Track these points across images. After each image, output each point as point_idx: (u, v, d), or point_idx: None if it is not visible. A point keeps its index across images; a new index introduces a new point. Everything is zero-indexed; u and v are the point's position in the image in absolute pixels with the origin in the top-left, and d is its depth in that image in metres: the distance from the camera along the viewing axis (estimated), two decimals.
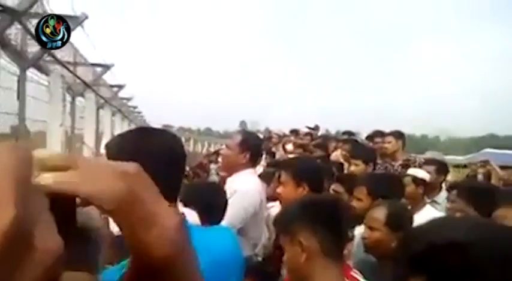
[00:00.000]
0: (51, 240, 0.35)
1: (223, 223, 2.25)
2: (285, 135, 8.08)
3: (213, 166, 8.41)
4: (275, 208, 2.91)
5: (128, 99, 12.68)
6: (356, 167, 3.68)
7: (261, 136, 6.02)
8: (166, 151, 1.16)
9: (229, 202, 2.37)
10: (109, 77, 9.15)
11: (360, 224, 2.34)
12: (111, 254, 1.03)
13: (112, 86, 10.19)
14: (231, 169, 2.88)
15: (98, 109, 8.99)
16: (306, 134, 7.44)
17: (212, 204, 2.17)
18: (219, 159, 6.33)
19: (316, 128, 8.04)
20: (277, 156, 6.62)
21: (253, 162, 2.89)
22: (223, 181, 3.17)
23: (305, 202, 1.58)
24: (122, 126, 11.61)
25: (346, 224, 1.65)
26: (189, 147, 18.89)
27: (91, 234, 0.80)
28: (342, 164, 4.41)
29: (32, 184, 0.35)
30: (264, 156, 3.78)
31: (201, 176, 6.54)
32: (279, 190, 2.54)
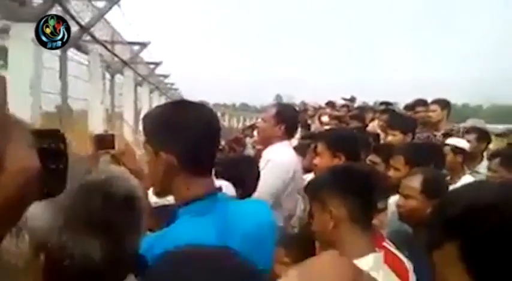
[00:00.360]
0: (24, 159, 0.37)
1: (256, 192, 2.25)
2: (320, 108, 7.93)
3: (248, 140, 8.42)
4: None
5: (165, 76, 12.82)
6: (393, 137, 3.58)
7: (297, 109, 5.98)
8: (202, 123, 1.16)
9: (262, 172, 2.37)
10: (146, 55, 9.25)
11: (396, 193, 2.30)
12: (151, 222, 1.09)
13: (149, 64, 10.26)
14: (267, 141, 2.86)
15: (136, 86, 9.11)
16: (343, 105, 7.30)
17: (244, 176, 2.18)
18: (255, 133, 6.31)
19: (353, 99, 7.85)
20: (313, 128, 6.55)
21: (288, 134, 2.87)
22: (259, 154, 3.16)
23: (337, 170, 1.58)
24: (159, 103, 11.35)
25: (378, 194, 1.62)
26: (225, 122, 18.98)
27: (135, 203, 0.87)
28: (378, 134, 4.31)
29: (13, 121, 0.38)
30: (299, 129, 3.73)
31: (237, 150, 6.57)
32: (315, 161, 2.52)
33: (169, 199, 1.29)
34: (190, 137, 1.14)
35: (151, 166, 1.20)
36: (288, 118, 2.84)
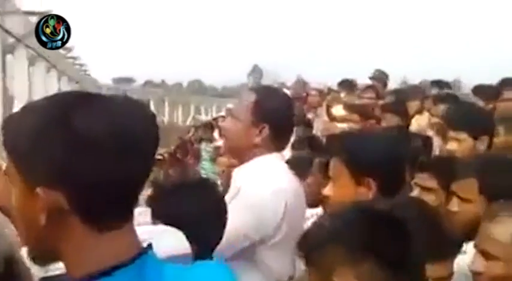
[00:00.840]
0: None
1: (219, 245, 2.25)
2: (330, 91, 7.44)
3: (204, 147, 8.08)
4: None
5: (67, 49, 13.69)
6: (458, 145, 3.44)
7: (288, 93, 5.55)
8: (116, 133, 1.14)
9: (230, 207, 2.34)
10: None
11: (468, 240, 2.30)
12: None
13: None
14: (238, 152, 2.79)
15: (29, 67, 10.14)
16: (367, 87, 6.85)
17: (199, 218, 2.15)
18: (216, 135, 5.87)
19: (383, 77, 7.29)
20: (317, 126, 6.32)
21: (277, 141, 2.74)
22: (226, 174, 3.13)
23: (356, 217, 1.49)
24: (59, 88, 13.03)
25: (432, 259, 1.66)
26: (163, 115, 18.94)
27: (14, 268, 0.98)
28: (430, 139, 4.21)
29: None
30: (294, 129, 3.51)
31: (185, 165, 6.23)
32: (327, 189, 2.41)
33: (59, 267, 1.28)
34: (96, 159, 1.13)
35: (23, 210, 1.19)
36: (276, 113, 2.75)
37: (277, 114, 2.75)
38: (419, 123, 5.19)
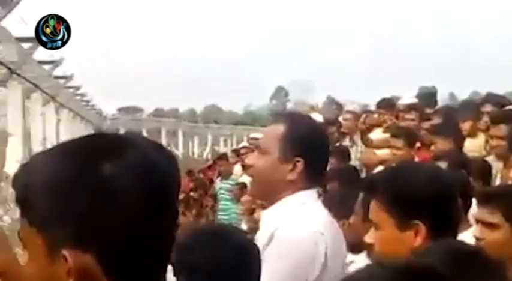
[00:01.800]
0: None
1: None
2: (367, 113, 7.17)
3: (224, 183, 7.98)
4: (359, 266, 2.68)
5: (65, 77, 13.90)
6: None
7: (320, 117, 5.43)
8: (148, 186, 1.17)
9: (263, 259, 2.26)
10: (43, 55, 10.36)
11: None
12: None
13: (43, 63, 11.31)
14: (269, 191, 2.73)
15: (24, 99, 10.13)
16: (409, 107, 6.68)
17: (219, 277, 2.13)
18: (237, 168, 5.79)
19: (429, 94, 7.16)
20: (354, 155, 6.30)
21: (312, 175, 2.68)
22: (252, 218, 2.91)
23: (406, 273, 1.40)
24: (60, 121, 13.70)
25: None
26: (176, 148, 19.07)
27: None
28: (488, 165, 4.17)
29: None
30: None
31: (202, 205, 6.17)
32: (369, 236, 2.37)
33: None
34: (128, 213, 1.15)
35: (43, 279, 1.19)
36: (309, 143, 2.71)
37: (311, 145, 2.70)
38: (473, 146, 5.14)
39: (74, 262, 1.14)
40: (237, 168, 9.07)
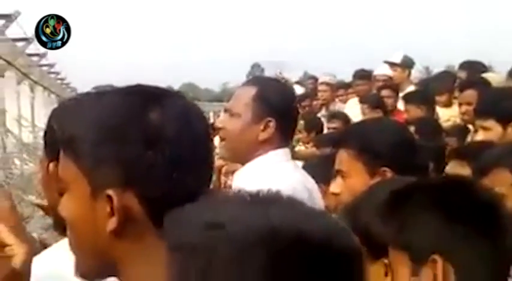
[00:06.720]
0: None
1: None
2: (338, 87, 7.35)
3: None
4: None
5: (39, 55, 13.81)
6: (485, 133, 3.45)
7: (294, 87, 5.47)
8: (190, 130, 1.22)
9: None
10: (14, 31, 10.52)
11: None
12: None
13: (16, 40, 11.33)
14: (241, 153, 2.77)
15: None
16: (385, 84, 6.59)
17: None
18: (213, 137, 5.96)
19: (407, 62, 6.85)
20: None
21: (283, 135, 2.73)
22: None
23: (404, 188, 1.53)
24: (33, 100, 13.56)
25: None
26: None
27: None
28: (467, 128, 4.30)
29: None
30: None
31: None
32: (335, 186, 2.41)
33: None
34: (173, 159, 1.18)
35: (84, 217, 1.20)
36: (281, 104, 2.75)
37: (281, 106, 2.73)
38: (447, 113, 5.20)
39: (119, 202, 1.16)
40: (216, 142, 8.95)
